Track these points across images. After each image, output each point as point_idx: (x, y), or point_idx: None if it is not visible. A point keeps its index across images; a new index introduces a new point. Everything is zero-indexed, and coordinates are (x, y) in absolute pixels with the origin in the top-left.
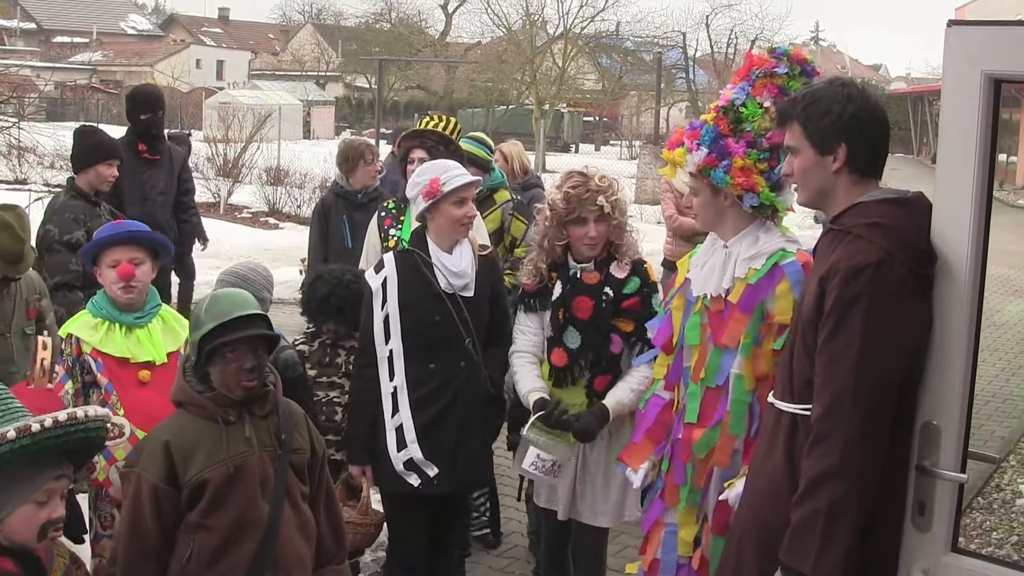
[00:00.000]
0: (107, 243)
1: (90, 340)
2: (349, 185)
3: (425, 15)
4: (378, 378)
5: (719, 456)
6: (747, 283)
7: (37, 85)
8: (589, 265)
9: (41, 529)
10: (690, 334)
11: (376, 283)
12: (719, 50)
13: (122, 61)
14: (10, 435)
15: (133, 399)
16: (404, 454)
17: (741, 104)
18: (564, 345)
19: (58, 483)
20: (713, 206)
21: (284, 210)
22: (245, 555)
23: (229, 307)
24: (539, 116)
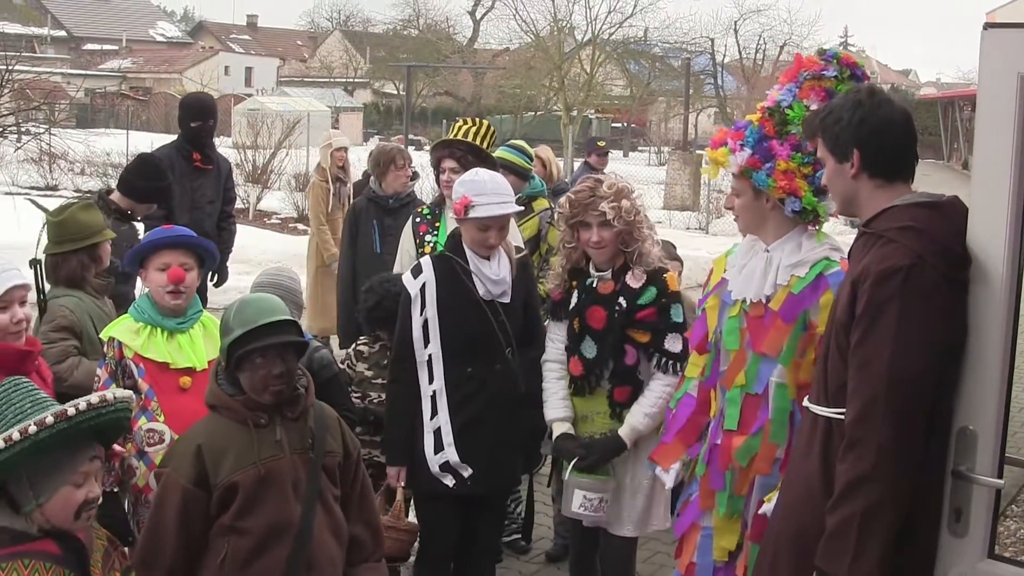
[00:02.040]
0: (158, 246)
1: (132, 344)
2: (381, 190)
3: (453, 21)
4: (415, 381)
5: (760, 464)
6: (790, 291)
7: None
8: (606, 274)
9: (78, 510)
10: (728, 339)
11: (415, 288)
12: (747, 56)
13: (151, 68)
14: (48, 420)
15: (173, 405)
16: (441, 456)
17: (787, 106)
18: (580, 354)
19: (92, 464)
20: (755, 208)
21: None
22: (279, 558)
23: (257, 313)
24: (567, 122)
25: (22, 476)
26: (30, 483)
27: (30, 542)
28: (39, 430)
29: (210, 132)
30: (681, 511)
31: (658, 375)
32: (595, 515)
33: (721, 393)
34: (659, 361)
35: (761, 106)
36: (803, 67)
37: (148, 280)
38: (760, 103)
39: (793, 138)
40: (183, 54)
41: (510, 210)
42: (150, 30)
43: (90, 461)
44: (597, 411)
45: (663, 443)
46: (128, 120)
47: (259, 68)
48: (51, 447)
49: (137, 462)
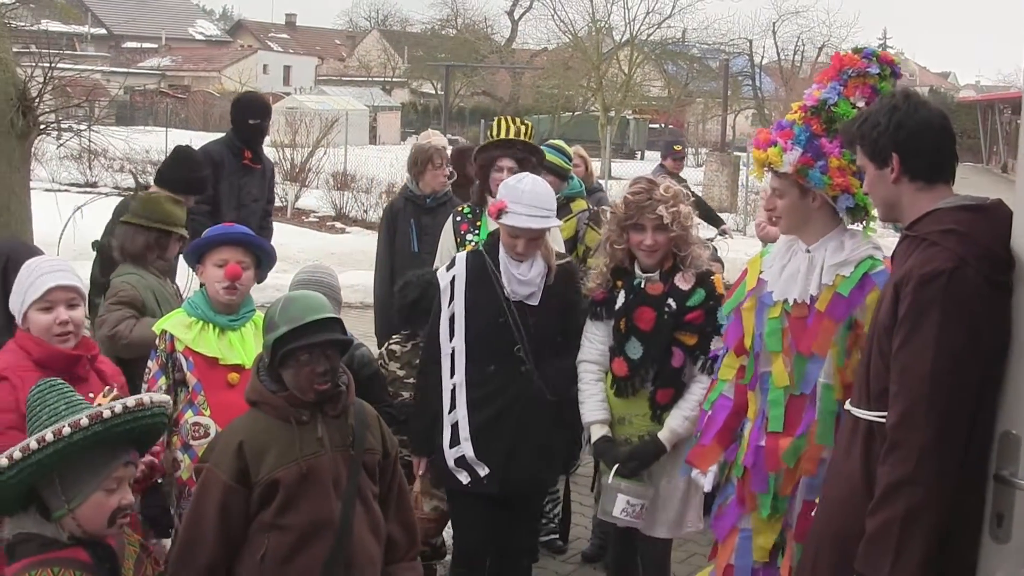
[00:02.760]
0: (218, 242)
1: (183, 338)
2: (419, 189)
3: (491, 21)
4: (441, 375)
5: (806, 465)
6: (835, 291)
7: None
8: (654, 275)
9: (111, 516)
10: (770, 340)
11: (445, 281)
12: (786, 57)
13: (190, 66)
14: (83, 422)
15: (220, 400)
16: (456, 451)
17: (833, 104)
18: (625, 355)
19: (126, 470)
20: (800, 208)
21: (350, 214)
22: (319, 555)
23: (303, 311)
24: (605, 123)
25: (54, 480)
26: (62, 487)
27: (60, 549)
28: (73, 431)
29: (265, 132)
30: (719, 513)
31: (700, 378)
32: (634, 521)
33: (763, 395)
34: (704, 364)
35: (801, 105)
36: (844, 65)
37: (204, 275)
38: (797, 103)
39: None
40: (222, 52)
41: (542, 224)
42: (189, 28)
43: (124, 467)
44: (636, 413)
45: (700, 445)
46: (167, 118)
47: (297, 67)
48: (84, 450)
49: (182, 455)
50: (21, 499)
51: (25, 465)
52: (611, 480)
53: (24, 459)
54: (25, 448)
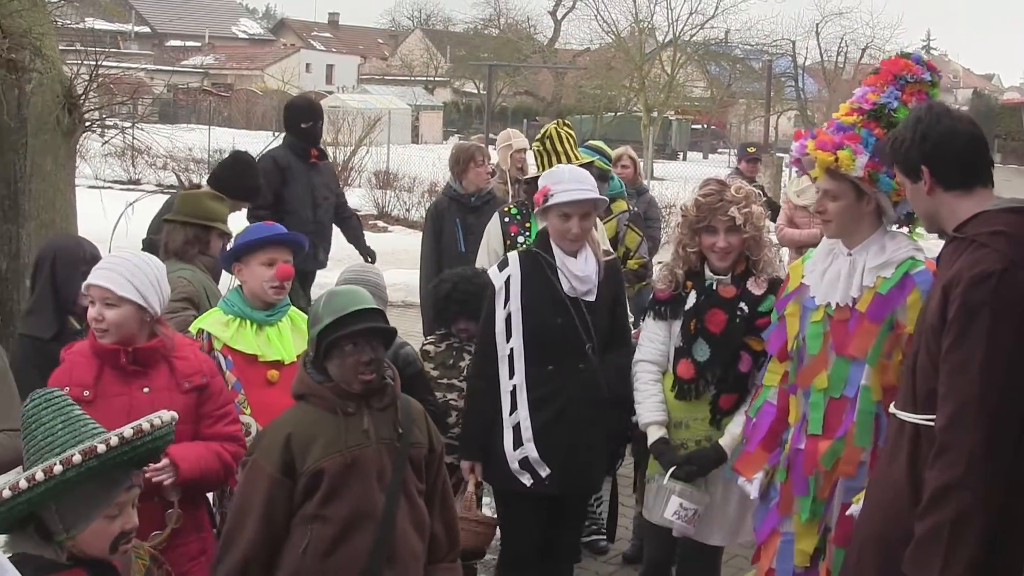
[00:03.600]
0: (268, 242)
1: (221, 336)
2: (462, 188)
3: (534, 21)
4: (497, 376)
5: (844, 467)
6: (876, 292)
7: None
8: (726, 278)
9: (113, 542)
10: (811, 343)
11: (499, 281)
12: (829, 58)
13: (233, 65)
14: (76, 459)
15: (260, 398)
16: (520, 452)
17: (894, 109)
18: (692, 357)
19: (128, 494)
20: (854, 211)
21: (393, 213)
22: (361, 547)
23: (346, 302)
24: (647, 123)
25: (51, 509)
26: (60, 517)
27: (58, 571)
28: (65, 469)
29: (319, 133)
30: (762, 517)
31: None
32: (685, 526)
33: (804, 398)
34: None
35: (853, 108)
36: (898, 70)
37: (248, 274)
38: (849, 104)
39: None
40: (265, 51)
41: (591, 195)
42: (232, 27)
43: (126, 491)
44: (696, 416)
45: (746, 452)
46: (210, 116)
47: (340, 66)
48: (79, 484)
49: None
50: (19, 521)
51: (16, 504)
52: (667, 482)
53: (14, 498)
54: (14, 487)
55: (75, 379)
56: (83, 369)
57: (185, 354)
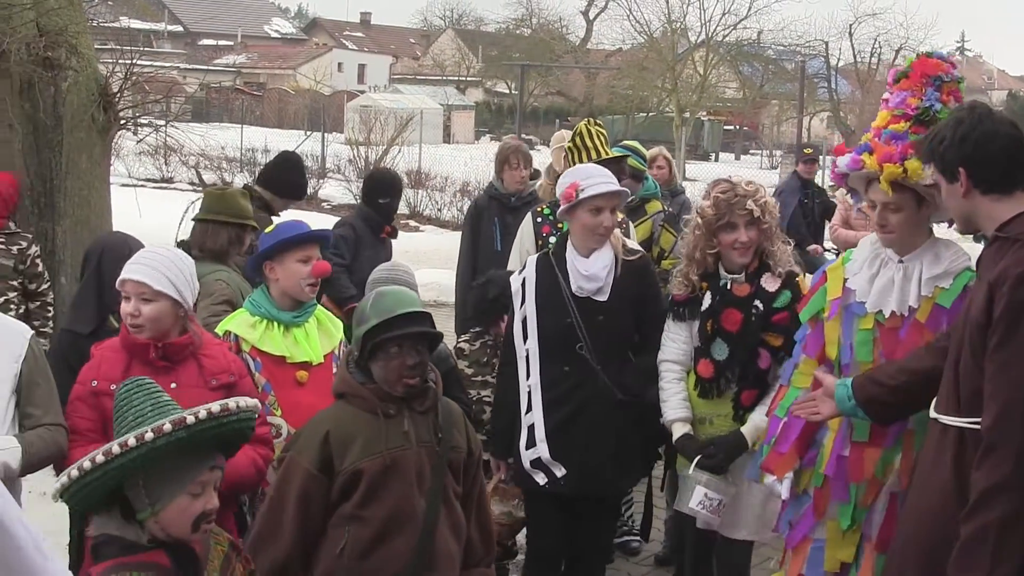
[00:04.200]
0: (303, 239)
1: (249, 338)
2: (503, 188)
3: (566, 21)
4: (518, 377)
5: (904, 477)
6: (935, 302)
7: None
8: (740, 276)
9: (195, 521)
10: (861, 350)
11: (517, 284)
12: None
13: (265, 64)
14: (167, 427)
15: (290, 399)
16: (532, 452)
17: (938, 112)
18: (711, 357)
19: (212, 474)
20: (915, 221)
21: (425, 213)
22: (398, 549)
23: (395, 304)
24: (679, 124)
25: (139, 482)
26: (146, 490)
27: (140, 552)
28: (156, 437)
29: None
30: (794, 522)
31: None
32: (710, 516)
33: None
34: None
35: (897, 115)
36: (931, 70)
37: (282, 272)
38: (890, 112)
39: None
40: (297, 50)
41: (619, 189)
42: (265, 26)
43: (210, 471)
44: (719, 414)
45: (777, 452)
46: (242, 115)
47: (372, 65)
48: (169, 455)
49: None
50: (105, 499)
51: (108, 469)
52: (691, 471)
53: (107, 463)
54: (108, 452)
55: (103, 374)
56: (112, 364)
57: (213, 352)
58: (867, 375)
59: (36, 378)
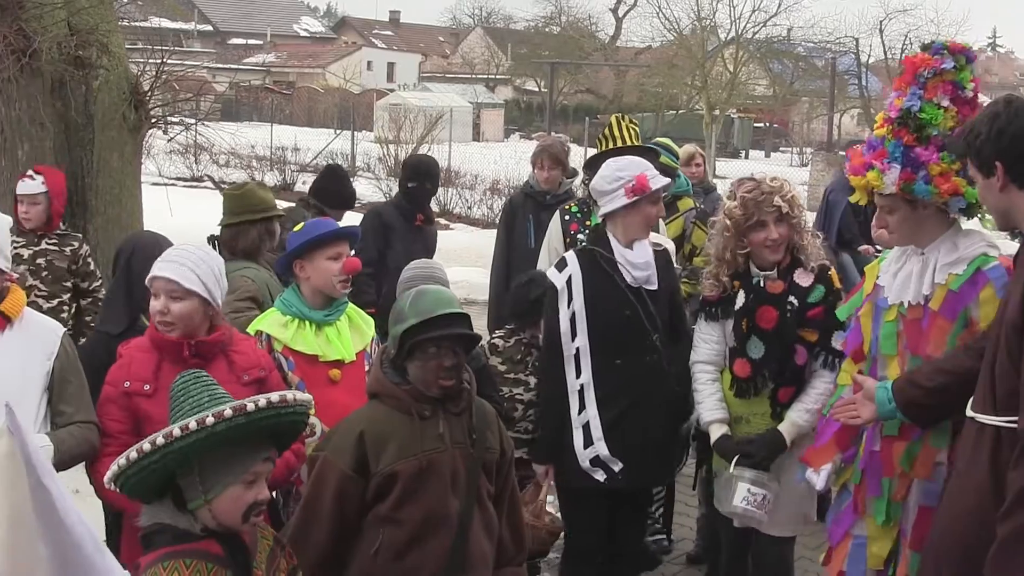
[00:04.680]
0: (333, 236)
1: (281, 338)
2: (539, 185)
3: (595, 19)
4: (565, 378)
5: (920, 469)
6: (948, 289)
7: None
8: (772, 273)
9: (246, 511)
10: (885, 343)
11: (560, 281)
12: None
13: (295, 63)
14: (227, 413)
15: (324, 398)
16: (591, 451)
17: (918, 110)
18: (747, 355)
19: (265, 465)
20: (912, 220)
21: (455, 211)
22: (433, 551)
23: (433, 304)
24: (709, 121)
25: (194, 469)
26: (201, 477)
27: (192, 541)
28: (216, 422)
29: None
30: (834, 519)
31: (822, 373)
32: (755, 512)
33: None
34: (825, 360)
35: (884, 118)
36: (918, 68)
37: (313, 270)
38: (881, 114)
39: (936, 139)
40: (326, 49)
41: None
42: (294, 25)
43: (263, 462)
44: (756, 412)
45: (817, 445)
46: (272, 113)
47: (401, 64)
48: (226, 442)
49: None
50: (158, 488)
51: (168, 451)
52: (733, 470)
53: (167, 445)
54: (168, 435)
55: (134, 374)
56: (142, 364)
57: (243, 348)
58: (906, 377)
59: (68, 375)
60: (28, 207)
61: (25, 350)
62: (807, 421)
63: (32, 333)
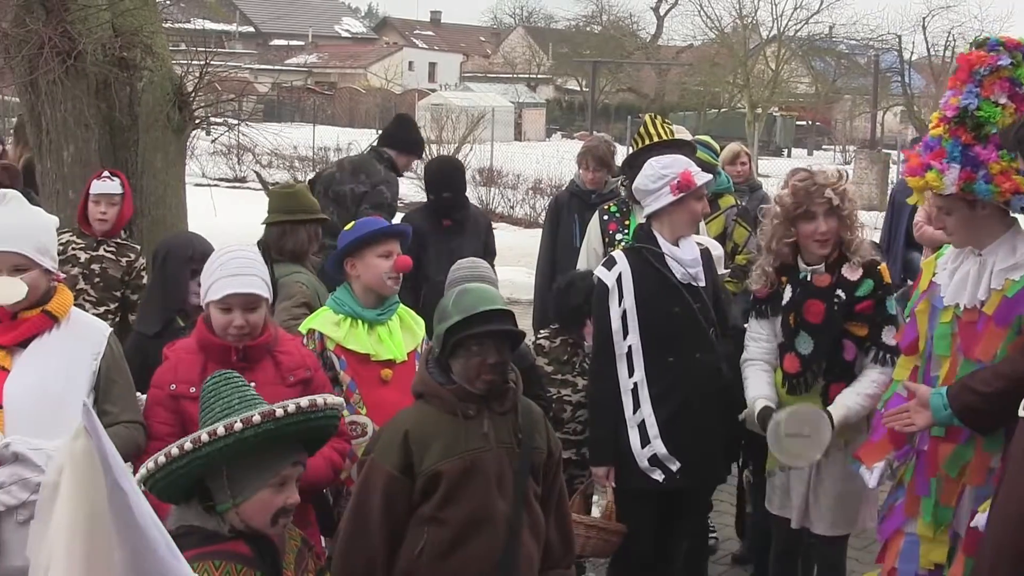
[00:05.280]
0: (383, 234)
1: (333, 336)
2: (584, 184)
3: (637, 17)
4: (617, 377)
5: (973, 476)
6: (1004, 295)
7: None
8: (820, 267)
9: (275, 515)
10: (939, 344)
11: (611, 280)
12: (936, 53)
13: (336, 63)
14: (255, 419)
15: (375, 398)
16: (648, 450)
17: (976, 108)
18: (796, 351)
19: (294, 469)
20: (971, 221)
21: (497, 210)
22: (477, 552)
23: (477, 301)
24: (751, 120)
25: (222, 473)
26: (229, 482)
27: (221, 542)
28: (244, 428)
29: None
30: (886, 516)
31: (874, 366)
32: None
33: None
34: (876, 355)
35: (941, 117)
36: (973, 65)
37: (363, 268)
38: (937, 114)
39: (995, 138)
40: (367, 50)
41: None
42: (335, 26)
43: (292, 466)
44: None
45: (870, 441)
46: (314, 114)
47: (442, 64)
48: (255, 447)
49: None
50: (187, 489)
51: (195, 456)
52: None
53: (195, 450)
54: (196, 440)
55: (181, 376)
56: (188, 366)
57: (288, 348)
58: (962, 383)
59: (114, 376)
60: (107, 207)
61: (72, 350)
62: (858, 404)
63: (79, 333)
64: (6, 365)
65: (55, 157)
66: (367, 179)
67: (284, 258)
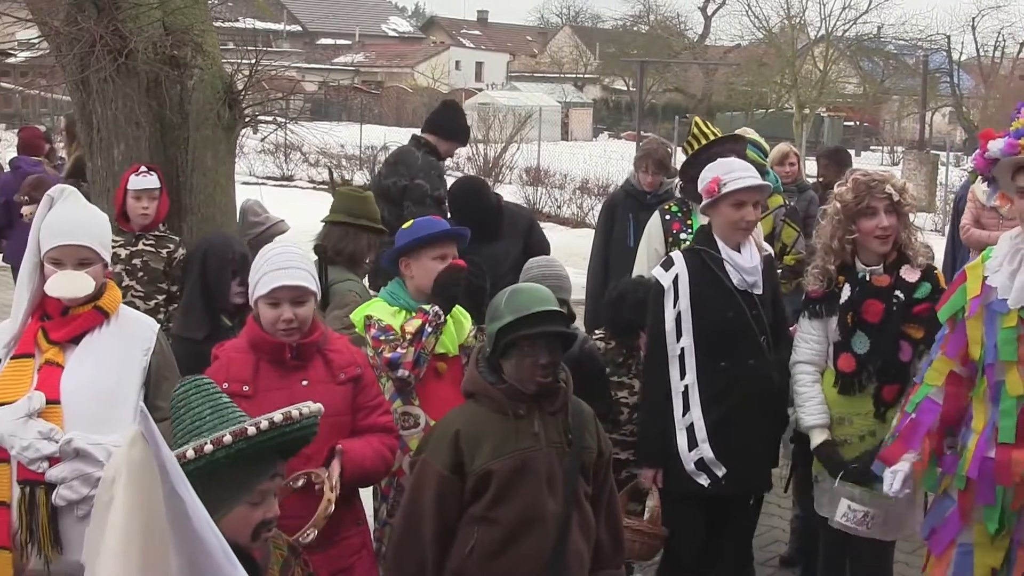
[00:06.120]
0: (440, 237)
1: (393, 325)
2: (640, 185)
3: (684, 17)
4: (669, 379)
5: None
6: None
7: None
8: (878, 268)
9: (255, 529)
10: (1005, 349)
11: (667, 280)
12: (985, 53)
13: (383, 63)
14: (227, 439)
15: (429, 390)
16: (695, 453)
17: None
18: (852, 350)
19: (272, 482)
20: None
21: (544, 210)
22: (528, 551)
23: (529, 301)
24: (799, 120)
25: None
26: (204, 500)
27: None
28: (215, 449)
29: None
30: (938, 527)
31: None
32: (856, 528)
33: (994, 405)
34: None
35: None
36: None
37: (417, 269)
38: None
39: None
40: (414, 49)
41: (762, 183)
42: (382, 25)
43: (270, 479)
44: (858, 412)
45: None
46: (361, 113)
47: (489, 63)
48: (227, 467)
49: None
50: None
51: None
52: (836, 485)
53: None
54: None
55: (232, 375)
56: (240, 365)
57: (338, 347)
58: None
59: (164, 372)
60: (149, 202)
61: (122, 346)
62: None
63: (128, 329)
64: (60, 361)
65: (106, 155)
66: (406, 171)
67: (340, 261)
